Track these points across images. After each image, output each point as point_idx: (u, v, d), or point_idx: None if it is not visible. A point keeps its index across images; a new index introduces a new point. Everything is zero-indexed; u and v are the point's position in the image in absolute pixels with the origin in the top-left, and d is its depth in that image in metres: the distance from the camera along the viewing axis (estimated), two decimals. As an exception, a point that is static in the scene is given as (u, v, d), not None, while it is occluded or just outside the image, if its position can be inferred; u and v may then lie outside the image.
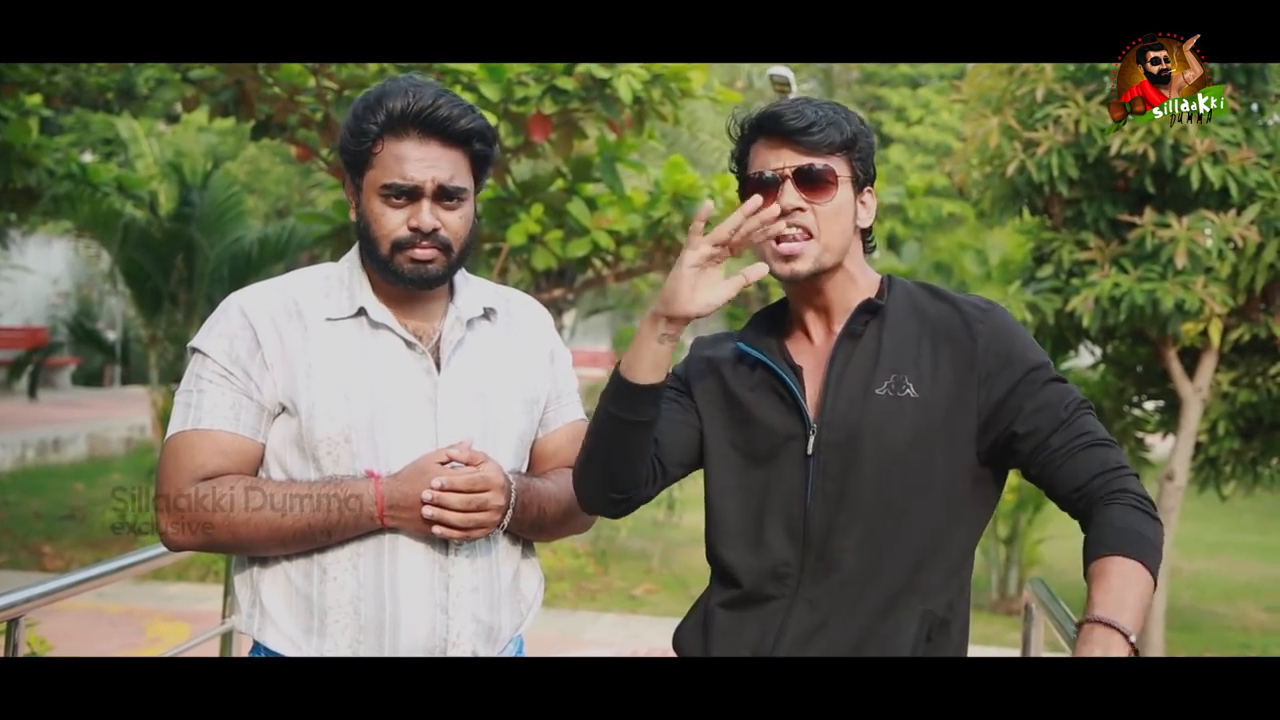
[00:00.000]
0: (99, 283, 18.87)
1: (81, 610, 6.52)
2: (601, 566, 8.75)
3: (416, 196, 1.97)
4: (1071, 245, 6.31)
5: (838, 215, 1.93)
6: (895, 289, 1.99)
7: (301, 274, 2.10)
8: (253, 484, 1.94)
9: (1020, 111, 6.35)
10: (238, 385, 1.96)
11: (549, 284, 11.44)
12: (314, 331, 1.99)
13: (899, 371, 1.90)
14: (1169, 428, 7.14)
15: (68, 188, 9.23)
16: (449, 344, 2.04)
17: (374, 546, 1.95)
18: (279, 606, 1.97)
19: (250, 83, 6.73)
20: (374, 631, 1.94)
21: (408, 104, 1.95)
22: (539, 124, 6.59)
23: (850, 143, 1.94)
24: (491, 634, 2.03)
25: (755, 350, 1.99)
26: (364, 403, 1.95)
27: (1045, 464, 1.88)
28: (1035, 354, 1.93)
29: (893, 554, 1.88)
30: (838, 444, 1.90)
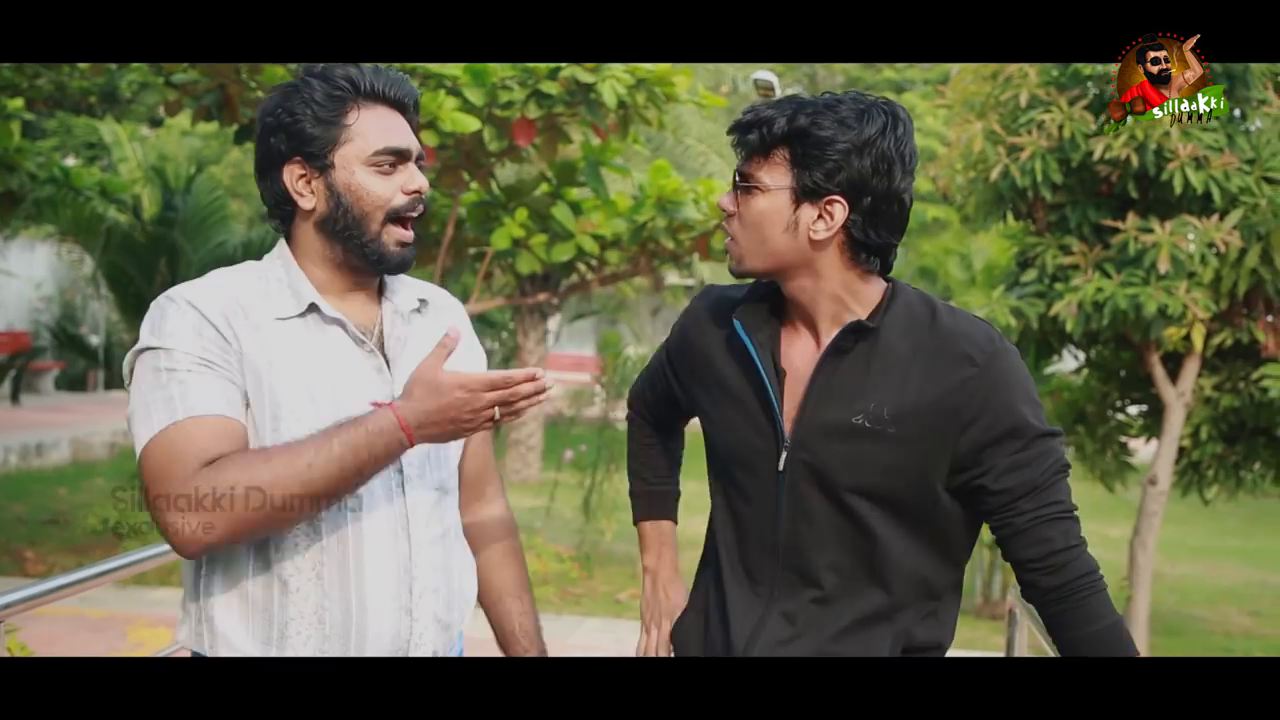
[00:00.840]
0: (82, 287, 18.81)
1: (64, 615, 6.48)
2: (586, 571, 8.74)
3: (405, 159, 1.95)
4: (1055, 250, 6.33)
5: (755, 226, 1.85)
6: (895, 304, 1.88)
7: (231, 273, 1.98)
8: (258, 450, 1.81)
9: (1004, 116, 6.37)
10: (220, 371, 1.85)
11: (534, 288, 11.45)
12: (265, 331, 1.90)
13: (880, 401, 1.82)
14: (1152, 432, 7.16)
15: (50, 192, 9.21)
16: (395, 341, 1.99)
17: (338, 554, 1.89)
18: (232, 622, 1.89)
19: (233, 86, 6.70)
20: (339, 640, 1.90)
21: (370, 79, 1.93)
22: (523, 128, 6.59)
23: (790, 143, 1.82)
24: (448, 633, 2.02)
25: (749, 340, 1.92)
26: (328, 405, 1.88)
27: (1008, 525, 1.84)
28: (1025, 409, 1.83)
29: (869, 576, 1.86)
30: (808, 466, 1.86)
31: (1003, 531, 1.86)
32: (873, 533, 1.85)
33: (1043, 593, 1.85)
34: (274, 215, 1.98)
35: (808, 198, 1.82)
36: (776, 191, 1.84)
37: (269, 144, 1.94)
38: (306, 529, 1.88)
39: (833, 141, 1.80)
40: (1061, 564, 1.83)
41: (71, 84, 8.82)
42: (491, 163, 7.35)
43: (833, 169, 1.80)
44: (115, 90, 9.42)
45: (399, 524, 1.94)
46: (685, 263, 9.33)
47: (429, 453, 1.99)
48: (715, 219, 7.98)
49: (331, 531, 1.89)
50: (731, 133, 1.90)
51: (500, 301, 11.11)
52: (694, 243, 7.89)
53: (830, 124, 1.81)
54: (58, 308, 19.95)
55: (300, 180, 1.94)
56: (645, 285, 16.67)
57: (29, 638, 3.97)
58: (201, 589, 1.91)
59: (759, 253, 1.87)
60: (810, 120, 1.81)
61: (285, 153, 1.93)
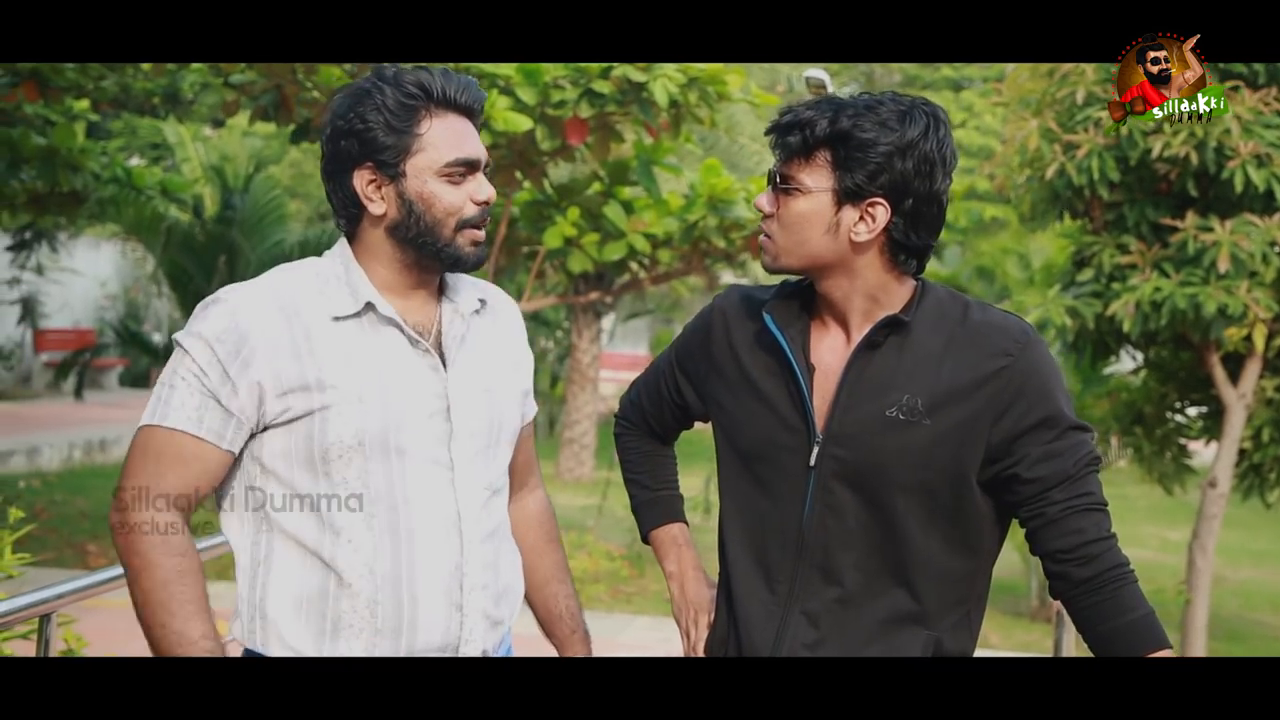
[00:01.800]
0: (145, 285, 19.12)
1: (122, 608, 6.59)
2: (637, 569, 8.75)
3: (475, 169, 1.96)
4: (1112, 249, 6.25)
5: (794, 226, 1.85)
6: (926, 300, 1.89)
7: (289, 272, 2.01)
8: (169, 565, 1.87)
9: (1060, 114, 6.29)
10: (208, 387, 1.89)
11: (586, 287, 11.48)
12: (318, 332, 1.92)
13: (914, 393, 1.83)
14: (1212, 434, 7.05)
15: (112, 191, 9.36)
16: (452, 339, 2.01)
17: (391, 550, 1.92)
18: (285, 616, 1.91)
19: (289, 87, 6.78)
20: (390, 635, 1.92)
21: (442, 86, 1.94)
22: (575, 127, 6.60)
23: (832, 144, 1.82)
24: (497, 629, 2.03)
25: (780, 335, 1.92)
26: (378, 405, 1.91)
27: (1039, 516, 1.84)
28: (1059, 399, 1.84)
29: (894, 577, 1.85)
30: (840, 460, 1.85)
31: (1034, 522, 1.85)
32: (901, 530, 1.84)
33: (1075, 584, 1.83)
34: (339, 215, 2.00)
35: (850, 199, 1.83)
36: (818, 193, 1.84)
37: (339, 147, 1.95)
38: (361, 526, 1.90)
39: (875, 143, 1.80)
40: (1094, 555, 1.82)
41: (135, 85, 8.98)
42: (544, 162, 7.37)
43: (875, 171, 1.81)
44: (178, 92, 9.55)
45: (451, 521, 1.95)
46: (738, 261, 9.30)
47: (479, 450, 2.00)
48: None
49: (385, 529, 1.91)
50: (770, 134, 1.90)
51: (553, 300, 11.15)
52: (745, 241, 7.87)
53: (872, 126, 1.81)
54: (122, 305, 20.29)
55: (370, 185, 1.95)
56: (700, 285, 16.66)
57: (85, 629, 4.04)
58: (257, 584, 1.94)
59: (797, 253, 1.87)
60: (852, 122, 1.81)
61: (356, 157, 1.94)
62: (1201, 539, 6.72)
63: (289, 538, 1.92)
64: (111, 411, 15.67)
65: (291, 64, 6.57)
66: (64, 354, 14.63)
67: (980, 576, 1.91)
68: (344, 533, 1.90)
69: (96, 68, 7.76)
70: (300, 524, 1.92)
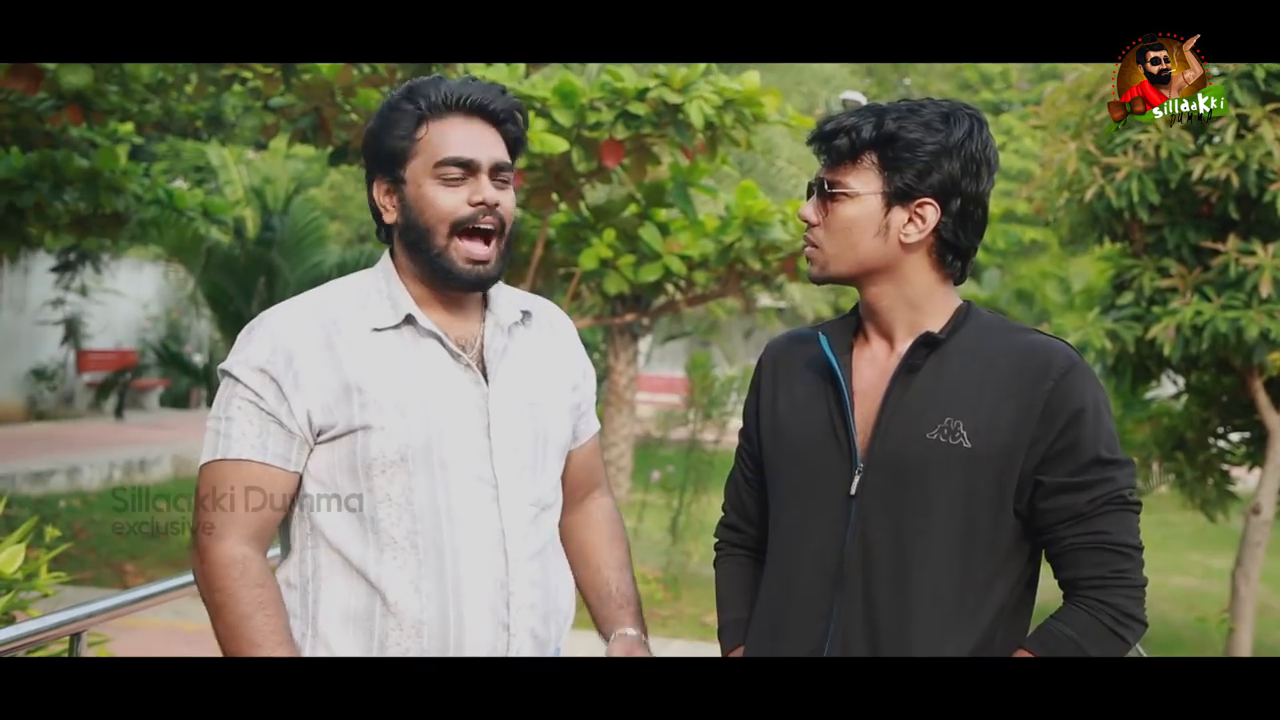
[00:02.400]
0: (187, 307, 19.30)
1: (158, 628, 6.62)
2: (672, 593, 8.71)
3: (474, 171, 1.95)
4: (1153, 272, 6.18)
5: (844, 232, 1.86)
6: (968, 322, 1.88)
7: (332, 289, 2.05)
8: (247, 596, 1.88)
9: (1099, 136, 6.24)
10: (267, 411, 1.91)
11: (623, 309, 11.49)
12: (359, 345, 1.94)
13: (954, 415, 1.80)
14: (1255, 460, 6.94)
15: (154, 213, 9.46)
16: (494, 352, 2.01)
17: (436, 568, 1.92)
18: (334, 631, 1.93)
19: (328, 110, 6.83)
20: (436, 653, 1.92)
21: (445, 90, 1.95)
22: (611, 149, 6.61)
23: (879, 147, 1.83)
24: (544, 649, 2.03)
25: (833, 356, 1.91)
26: (419, 419, 1.92)
27: (1053, 544, 1.82)
28: (1089, 430, 1.80)
29: (934, 606, 1.81)
30: (881, 487, 1.83)
31: (1047, 552, 1.85)
32: (942, 558, 1.81)
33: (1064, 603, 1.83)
34: (379, 232, 2.05)
35: (899, 200, 1.84)
36: (866, 196, 1.85)
37: (365, 163, 2.03)
38: (406, 544, 1.91)
39: (922, 143, 1.82)
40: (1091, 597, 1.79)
41: (179, 109, 9.07)
42: (580, 184, 7.39)
43: (924, 170, 1.83)
44: (220, 114, 9.65)
45: (495, 539, 1.95)
46: (775, 284, 9.28)
47: (524, 467, 2.00)
48: (803, 240, 7.93)
49: (430, 546, 1.92)
50: (814, 141, 1.90)
51: (589, 321, 11.16)
52: (781, 263, 7.85)
53: (917, 127, 1.83)
54: (163, 327, 20.48)
55: (385, 195, 1.99)
56: (737, 307, 16.62)
57: (120, 649, 4.06)
58: (308, 599, 1.95)
59: (846, 259, 1.87)
60: (898, 124, 1.83)
61: (372, 170, 2.00)
62: (1245, 566, 6.62)
63: (334, 552, 1.93)
64: (152, 432, 15.79)
65: (330, 87, 6.62)
66: (105, 375, 14.78)
67: (1020, 603, 1.88)
68: (388, 549, 1.91)
69: (140, 91, 7.85)
70: (345, 538, 1.92)
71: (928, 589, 1.81)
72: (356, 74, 6.54)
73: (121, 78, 7.51)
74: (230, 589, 1.87)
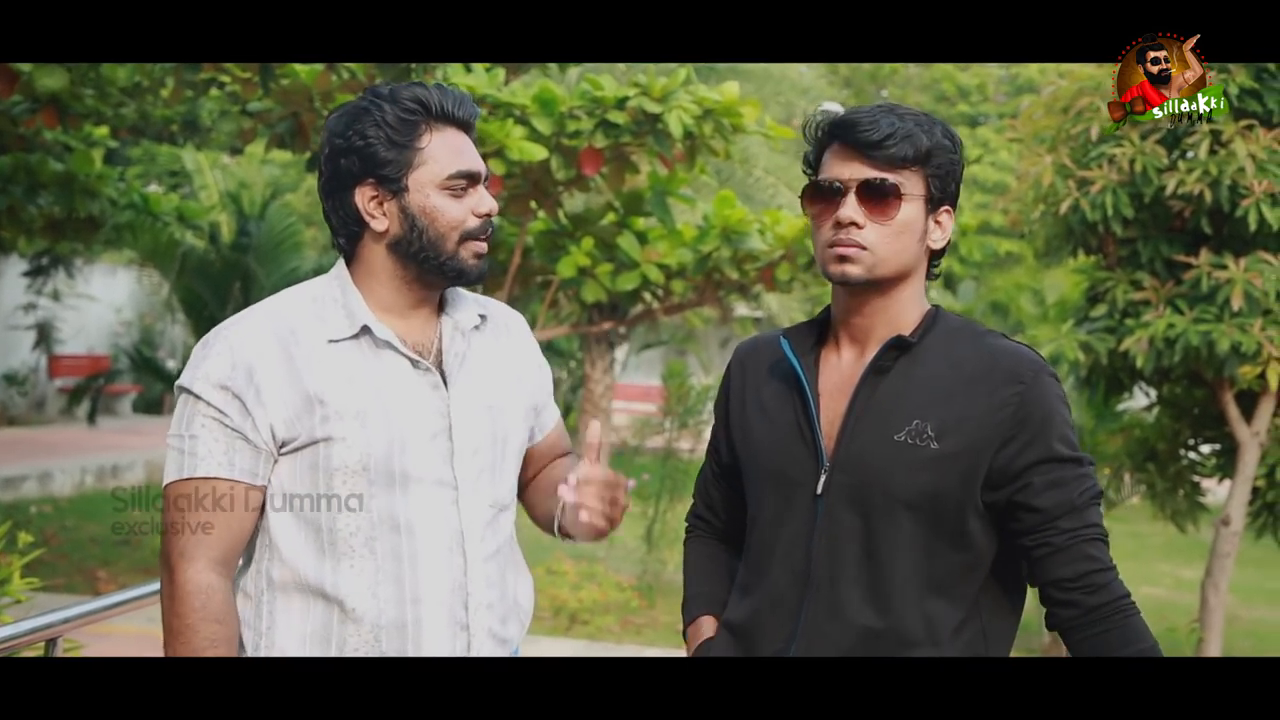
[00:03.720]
0: (161, 312, 19.19)
1: (131, 634, 6.57)
2: (648, 601, 8.70)
3: (476, 182, 1.98)
4: (1126, 285, 6.23)
5: (900, 233, 1.88)
6: (937, 326, 1.92)
7: (286, 297, 2.02)
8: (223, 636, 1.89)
9: (1075, 150, 6.29)
10: (231, 428, 1.89)
11: (600, 317, 11.49)
12: (316, 356, 1.93)
13: (923, 418, 1.84)
14: (1225, 472, 7.00)
15: (129, 217, 9.41)
16: (453, 357, 2.01)
17: (394, 572, 1.92)
18: (291, 644, 1.93)
19: (306, 115, 6.83)
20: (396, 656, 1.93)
21: (440, 100, 1.95)
22: (590, 158, 6.63)
23: (926, 157, 1.88)
24: (504, 648, 2.03)
25: (795, 359, 1.94)
26: (380, 428, 1.91)
27: (1045, 545, 1.84)
28: (1064, 430, 1.85)
29: (903, 606, 1.83)
30: (848, 488, 1.85)
31: (1039, 551, 1.85)
32: (907, 557, 1.83)
33: (1083, 613, 1.83)
34: (339, 234, 2.01)
35: (933, 207, 1.91)
36: (917, 199, 1.89)
37: (339, 165, 1.96)
38: (365, 551, 1.91)
39: (949, 153, 1.91)
40: (1102, 584, 1.83)
41: (154, 113, 9.03)
42: (559, 192, 7.40)
43: (948, 179, 1.91)
44: (196, 119, 9.61)
45: (454, 541, 1.96)
46: (752, 294, 9.31)
47: (483, 468, 2.00)
48: (780, 250, 7.95)
49: (388, 552, 1.92)
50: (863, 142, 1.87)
51: (566, 330, 11.17)
52: (759, 273, 7.88)
53: (942, 136, 1.91)
54: (137, 332, 20.36)
55: (372, 202, 1.96)
56: (713, 316, 16.67)
57: (92, 655, 4.03)
58: (263, 614, 1.94)
59: (895, 261, 1.90)
60: (941, 132, 1.90)
61: (357, 174, 1.95)
62: (1215, 577, 6.67)
63: (288, 567, 1.92)
64: (125, 438, 15.69)
65: (308, 92, 6.61)
66: (78, 380, 14.67)
67: (989, 602, 1.90)
68: (345, 558, 1.91)
69: (115, 94, 7.81)
70: (301, 551, 1.92)
71: (895, 588, 1.83)
72: (335, 79, 6.53)
73: (97, 81, 7.47)
74: (189, 620, 1.86)
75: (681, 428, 9.64)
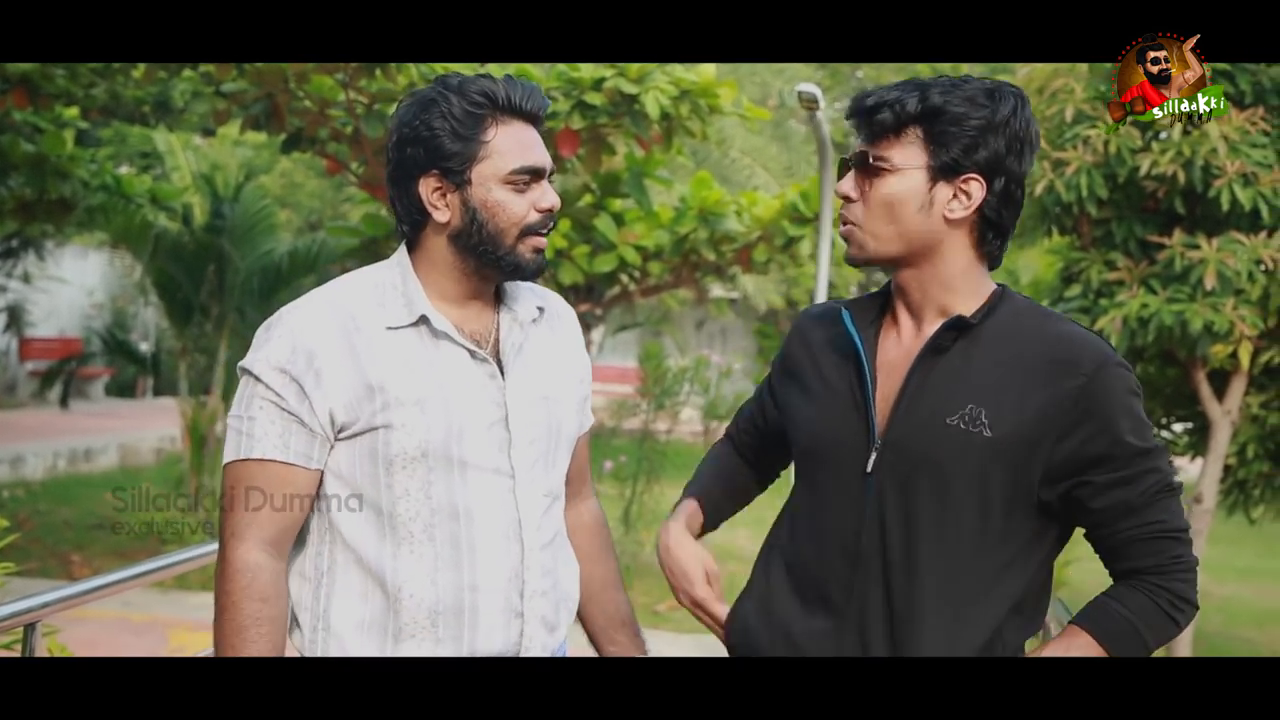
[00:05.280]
0: (134, 294, 19.06)
1: (106, 619, 6.56)
2: (625, 581, 8.73)
3: (540, 177, 1.98)
4: (1100, 265, 6.27)
5: (887, 207, 1.81)
6: (1002, 307, 1.84)
7: (348, 283, 2.03)
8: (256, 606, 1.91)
9: (1050, 131, 6.32)
10: (288, 410, 1.91)
11: (577, 299, 11.48)
12: (376, 343, 1.94)
13: (978, 403, 1.77)
14: (1197, 450, 7.07)
15: (101, 199, 9.33)
16: (509, 348, 2.02)
17: (452, 559, 1.93)
18: (348, 627, 1.94)
19: (281, 96, 6.78)
20: (452, 643, 1.94)
21: (508, 93, 1.95)
22: (567, 139, 6.62)
23: (920, 120, 1.79)
24: (554, 635, 2.06)
25: (855, 333, 1.88)
26: (439, 416, 1.93)
27: (1109, 538, 1.81)
28: (1128, 425, 1.77)
29: (944, 592, 1.79)
30: (897, 467, 1.80)
31: (1100, 546, 1.84)
32: (954, 543, 1.79)
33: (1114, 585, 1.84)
34: (403, 222, 2.01)
35: (944, 176, 1.81)
36: (910, 171, 1.81)
37: (405, 154, 1.96)
38: (424, 538, 1.93)
39: (968, 118, 1.79)
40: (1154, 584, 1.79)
41: (125, 94, 8.95)
42: (535, 173, 7.38)
43: (970, 146, 1.79)
44: (168, 100, 9.52)
45: (511, 529, 1.97)
46: (729, 275, 9.31)
47: (539, 458, 2.02)
48: (757, 231, 7.96)
49: (447, 539, 1.93)
50: (853, 116, 1.86)
51: (543, 312, 11.15)
52: (736, 255, 7.89)
53: (962, 101, 1.79)
54: (109, 314, 20.22)
55: (435, 193, 1.96)
56: (689, 298, 16.68)
57: (69, 640, 4.02)
58: (320, 594, 1.97)
59: (887, 235, 1.83)
60: (944, 98, 1.80)
61: (422, 165, 1.95)
62: (1187, 555, 6.74)
63: (350, 550, 1.94)
64: (97, 421, 15.60)
65: (283, 73, 6.57)
66: (50, 363, 14.56)
67: (1033, 594, 1.86)
68: (405, 544, 1.93)
69: (86, 75, 7.75)
70: (361, 535, 1.94)
71: (939, 575, 1.79)
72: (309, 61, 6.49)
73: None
74: (235, 597, 1.89)
75: (658, 409, 9.65)
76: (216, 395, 9.96)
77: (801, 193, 8.50)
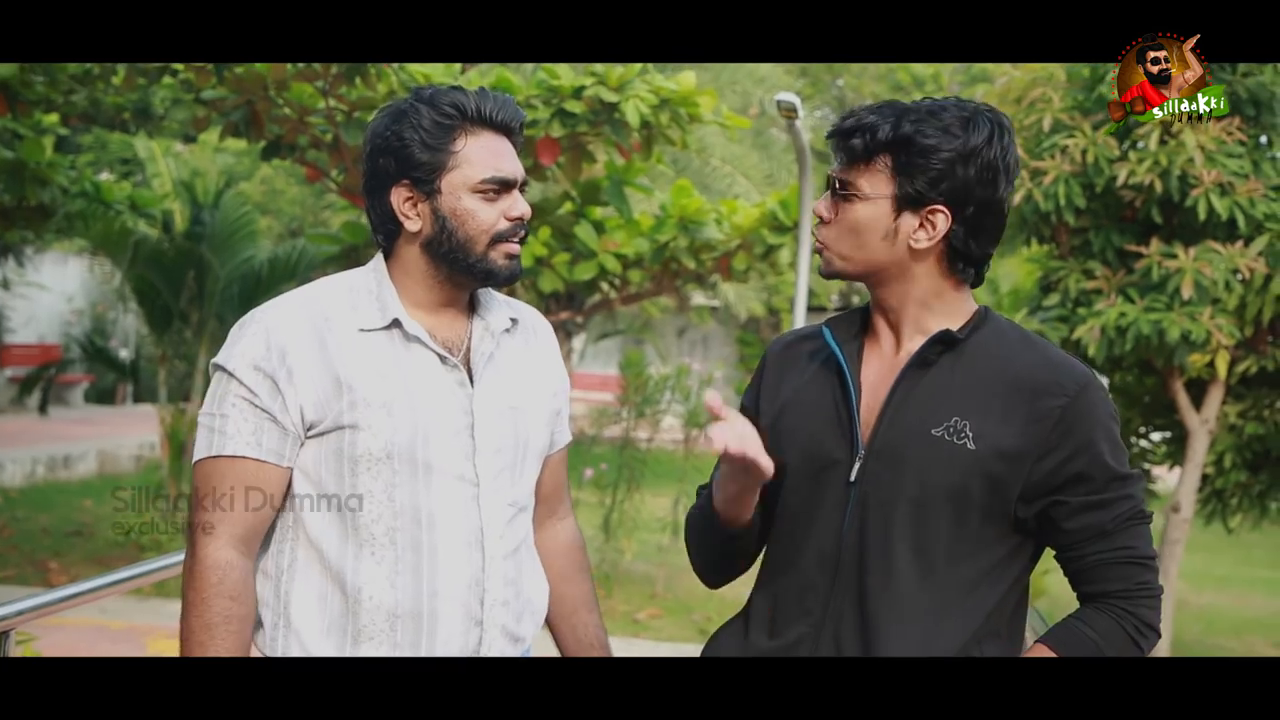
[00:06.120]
0: (113, 301, 18.97)
1: (83, 626, 6.52)
2: (605, 589, 8.72)
3: (510, 188, 2.00)
4: (1078, 274, 6.30)
5: (854, 233, 1.83)
6: (986, 326, 1.87)
7: (324, 285, 2.05)
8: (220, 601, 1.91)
9: (1028, 140, 6.35)
10: (261, 407, 1.93)
11: (557, 307, 11.48)
12: (347, 344, 1.96)
13: (962, 416, 1.79)
14: (1175, 459, 7.10)
15: (80, 205, 9.28)
16: (480, 356, 2.04)
17: (413, 563, 1.95)
18: (310, 628, 1.95)
19: (261, 103, 6.77)
20: (410, 648, 1.95)
21: (478, 104, 1.97)
22: (547, 147, 6.62)
23: (886, 150, 1.80)
24: (516, 645, 2.06)
25: (837, 347, 1.90)
26: (406, 418, 1.94)
27: (1078, 560, 1.83)
28: (1107, 448, 1.80)
29: (923, 604, 1.80)
30: (881, 476, 1.82)
31: (1067, 568, 1.86)
32: (932, 554, 1.81)
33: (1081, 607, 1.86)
34: (378, 232, 2.04)
35: (909, 206, 1.81)
36: (876, 200, 1.82)
37: (377, 165, 2.00)
38: (385, 540, 1.94)
39: (937, 150, 1.78)
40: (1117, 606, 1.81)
41: (106, 100, 8.91)
42: (515, 181, 7.38)
43: (936, 178, 1.79)
44: (149, 106, 9.49)
45: (474, 536, 1.98)
46: (709, 283, 9.33)
47: (504, 467, 2.03)
48: (737, 239, 7.97)
49: (409, 543, 1.95)
50: (831, 137, 1.88)
51: (524, 320, 11.14)
52: (716, 263, 7.90)
53: (934, 131, 1.79)
54: (89, 321, 20.11)
55: (407, 203, 1.99)
56: (670, 306, 16.69)
57: (47, 647, 4.00)
58: (281, 590, 1.98)
59: (854, 259, 1.86)
60: (915, 128, 1.79)
61: (393, 175, 1.99)
62: (1164, 564, 6.77)
63: (312, 549, 1.96)
64: (77, 428, 15.52)
65: (263, 80, 6.56)
66: (29, 369, 14.46)
67: (1009, 606, 1.87)
68: (366, 545, 1.94)
69: (66, 81, 7.71)
70: (325, 535, 1.95)
71: (913, 584, 1.80)
72: (290, 68, 6.48)
73: (47, 68, 7.37)
74: (205, 594, 1.90)
75: (639, 417, 9.64)
76: (196, 402, 9.91)
77: (781, 201, 8.53)
